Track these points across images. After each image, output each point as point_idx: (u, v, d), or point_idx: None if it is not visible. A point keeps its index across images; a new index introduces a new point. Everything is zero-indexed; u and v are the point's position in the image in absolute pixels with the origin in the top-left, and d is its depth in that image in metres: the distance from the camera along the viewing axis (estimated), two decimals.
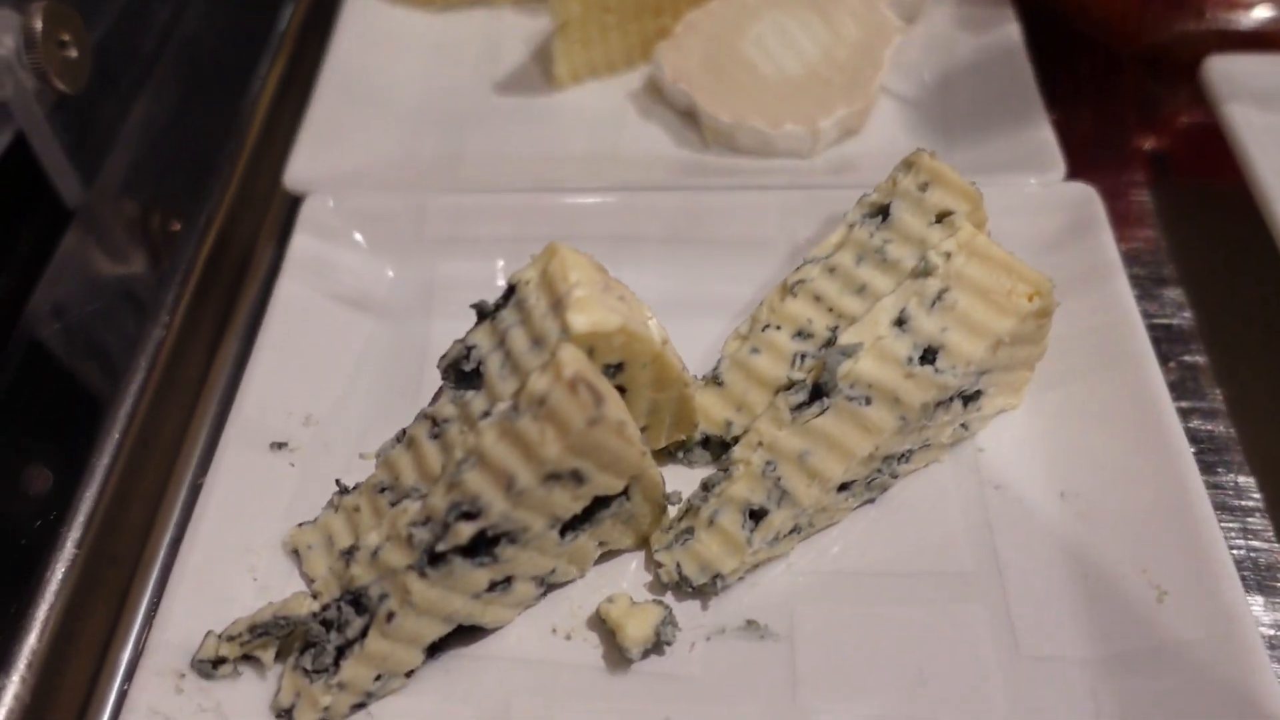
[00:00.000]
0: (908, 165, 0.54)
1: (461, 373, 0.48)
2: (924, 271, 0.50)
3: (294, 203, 0.65)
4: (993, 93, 0.70)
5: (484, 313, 0.48)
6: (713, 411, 0.54)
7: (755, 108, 0.68)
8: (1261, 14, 0.71)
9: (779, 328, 0.54)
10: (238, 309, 0.66)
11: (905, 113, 0.72)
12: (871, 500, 0.52)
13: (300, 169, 0.67)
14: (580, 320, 0.45)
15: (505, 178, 0.68)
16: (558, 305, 0.46)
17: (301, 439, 0.55)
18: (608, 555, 0.51)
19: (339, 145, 0.69)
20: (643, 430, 0.51)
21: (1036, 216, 0.61)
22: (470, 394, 0.48)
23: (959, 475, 0.53)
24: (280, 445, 0.54)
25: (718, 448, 0.54)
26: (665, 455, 0.54)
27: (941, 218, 0.52)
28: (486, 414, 0.45)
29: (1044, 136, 0.65)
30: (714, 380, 0.55)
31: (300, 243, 0.62)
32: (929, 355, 0.49)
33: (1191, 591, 0.46)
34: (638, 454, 0.45)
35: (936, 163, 0.53)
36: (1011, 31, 0.72)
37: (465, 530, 0.43)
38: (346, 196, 0.64)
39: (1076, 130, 0.71)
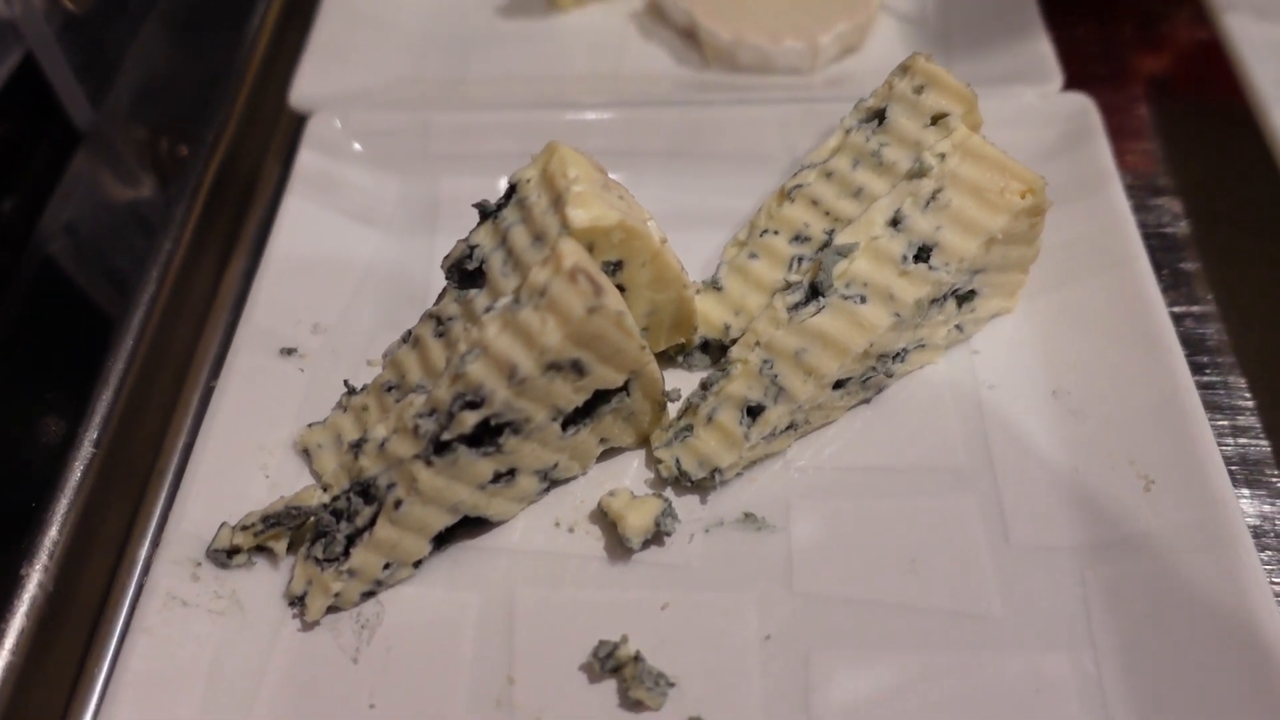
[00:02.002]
0: (904, 69, 0.54)
1: (465, 272, 0.49)
2: (919, 172, 0.51)
3: (299, 122, 0.66)
4: (992, 7, 0.70)
5: (486, 212, 0.49)
6: (711, 316, 0.55)
7: (755, 24, 0.68)
8: None
9: (776, 233, 0.55)
10: (245, 226, 0.67)
11: (905, 28, 0.72)
12: (867, 400, 0.54)
13: (305, 88, 0.67)
14: (580, 215, 0.46)
15: (508, 98, 0.69)
16: (557, 201, 0.46)
17: (310, 346, 0.56)
18: (609, 454, 0.52)
19: (343, 65, 0.70)
20: (642, 331, 0.52)
21: (1034, 127, 0.61)
22: (474, 292, 0.49)
23: (954, 376, 0.54)
24: (290, 351, 0.55)
25: (716, 351, 0.55)
26: (665, 359, 0.55)
27: (937, 120, 0.53)
28: (490, 309, 0.46)
29: (1042, 48, 0.65)
30: (713, 286, 0.56)
31: (306, 160, 0.63)
32: (923, 253, 0.50)
33: (1179, 479, 0.47)
34: (637, 347, 0.46)
35: (932, 65, 0.53)
36: None
37: (469, 419, 0.44)
38: (351, 114, 0.65)
39: (1076, 47, 0.71)
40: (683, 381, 0.55)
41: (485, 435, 0.45)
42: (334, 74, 0.69)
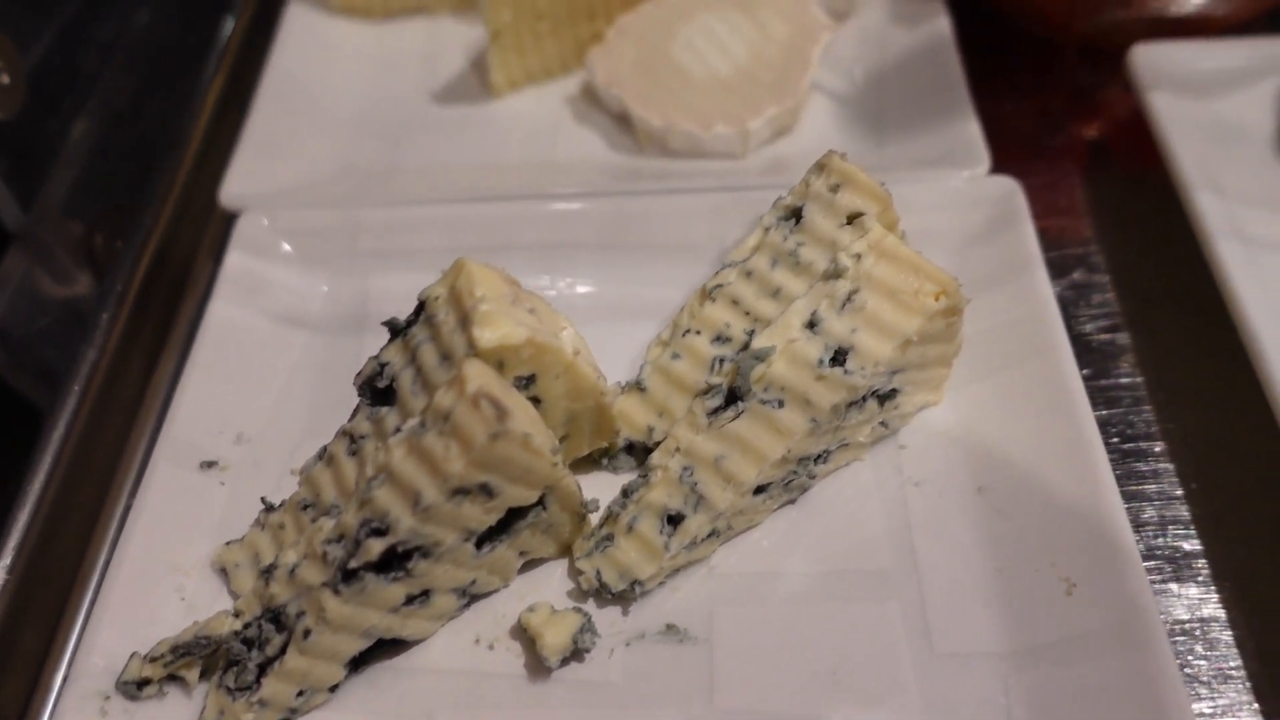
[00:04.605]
0: (819, 167, 0.54)
1: (376, 389, 0.49)
2: (834, 273, 0.51)
3: (233, 218, 0.66)
4: (922, 88, 0.70)
5: (395, 329, 0.49)
6: (635, 417, 0.54)
7: (685, 110, 0.68)
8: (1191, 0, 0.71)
9: (698, 332, 0.55)
10: (176, 326, 0.67)
11: (837, 110, 0.72)
12: (792, 501, 0.53)
13: (235, 186, 0.67)
14: (486, 335, 0.45)
15: (442, 188, 0.69)
16: (464, 320, 0.46)
17: (232, 458, 0.55)
18: (532, 563, 0.52)
19: (276, 160, 0.69)
20: (562, 440, 0.52)
21: (961, 211, 0.61)
22: (385, 410, 0.49)
23: (880, 473, 0.54)
24: (210, 464, 0.55)
25: (641, 453, 0.55)
26: (589, 462, 0.55)
27: (852, 219, 0.53)
28: (399, 430, 0.46)
29: (970, 131, 0.65)
30: (637, 386, 0.55)
31: (234, 261, 0.63)
32: (839, 356, 0.49)
33: (1097, 583, 0.47)
34: (547, 465, 0.46)
35: (846, 164, 0.53)
36: (941, 26, 0.73)
37: (375, 546, 0.44)
38: (280, 214, 0.65)
39: (1009, 121, 0.72)
40: (607, 484, 0.54)
41: (393, 561, 0.45)
42: (266, 170, 0.68)
